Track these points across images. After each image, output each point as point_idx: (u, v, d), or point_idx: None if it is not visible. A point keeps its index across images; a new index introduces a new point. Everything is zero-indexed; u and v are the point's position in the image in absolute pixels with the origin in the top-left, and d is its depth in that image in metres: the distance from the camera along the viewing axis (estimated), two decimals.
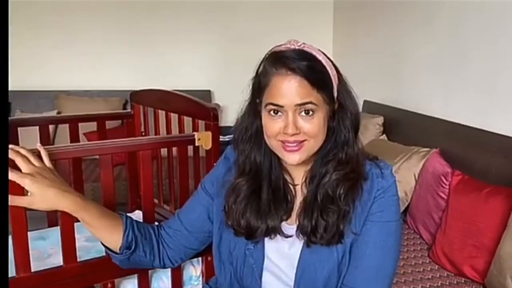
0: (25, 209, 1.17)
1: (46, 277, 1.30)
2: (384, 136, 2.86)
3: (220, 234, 1.16)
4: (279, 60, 0.99)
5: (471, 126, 2.28)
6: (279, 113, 1.00)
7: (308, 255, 1.08)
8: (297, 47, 1.01)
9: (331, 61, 1.04)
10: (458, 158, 2.24)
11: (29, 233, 1.69)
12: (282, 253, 1.12)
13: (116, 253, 1.18)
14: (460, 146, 2.29)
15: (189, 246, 1.25)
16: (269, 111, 1.01)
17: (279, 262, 1.12)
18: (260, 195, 1.10)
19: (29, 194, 1.06)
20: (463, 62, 2.42)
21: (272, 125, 1.01)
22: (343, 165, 1.05)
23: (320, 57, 1.02)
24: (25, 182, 1.04)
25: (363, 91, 3.44)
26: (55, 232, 1.47)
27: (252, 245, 1.12)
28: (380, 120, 2.95)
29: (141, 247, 1.19)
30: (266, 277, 1.13)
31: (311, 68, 0.98)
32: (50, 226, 1.81)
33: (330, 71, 1.02)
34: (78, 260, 1.34)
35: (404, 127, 2.82)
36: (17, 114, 3.49)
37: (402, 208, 2.23)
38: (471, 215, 1.88)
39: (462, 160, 2.22)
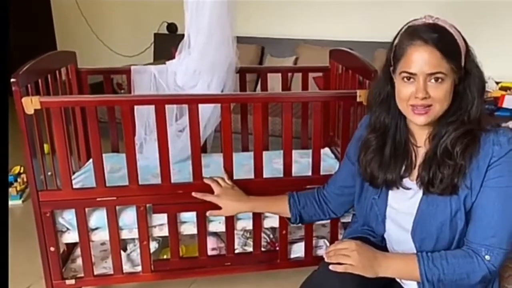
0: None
1: (243, 183, 1.83)
2: None
3: (360, 187, 1.38)
4: (414, 33, 1.12)
5: None
6: (411, 79, 1.13)
7: (425, 206, 1.21)
8: (431, 21, 1.13)
9: (461, 34, 1.14)
10: None
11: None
12: (403, 204, 1.27)
13: (290, 220, 1.62)
14: None
15: (345, 201, 1.52)
16: (403, 77, 1.15)
17: (399, 212, 1.28)
18: (384, 150, 1.27)
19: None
20: None
21: (404, 90, 1.15)
22: (464, 125, 1.15)
23: (451, 30, 1.13)
24: (217, 201, 1.70)
25: None
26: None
27: (377, 195, 1.31)
28: None
29: (306, 214, 1.58)
30: (388, 223, 1.31)
31: (441, 39, 1.10)
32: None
33: (459, 42, 1.13)
34: (264, 176, 1.84)
35: None
36: (267, 58, 4.27)
37: None
38: None
39: None
